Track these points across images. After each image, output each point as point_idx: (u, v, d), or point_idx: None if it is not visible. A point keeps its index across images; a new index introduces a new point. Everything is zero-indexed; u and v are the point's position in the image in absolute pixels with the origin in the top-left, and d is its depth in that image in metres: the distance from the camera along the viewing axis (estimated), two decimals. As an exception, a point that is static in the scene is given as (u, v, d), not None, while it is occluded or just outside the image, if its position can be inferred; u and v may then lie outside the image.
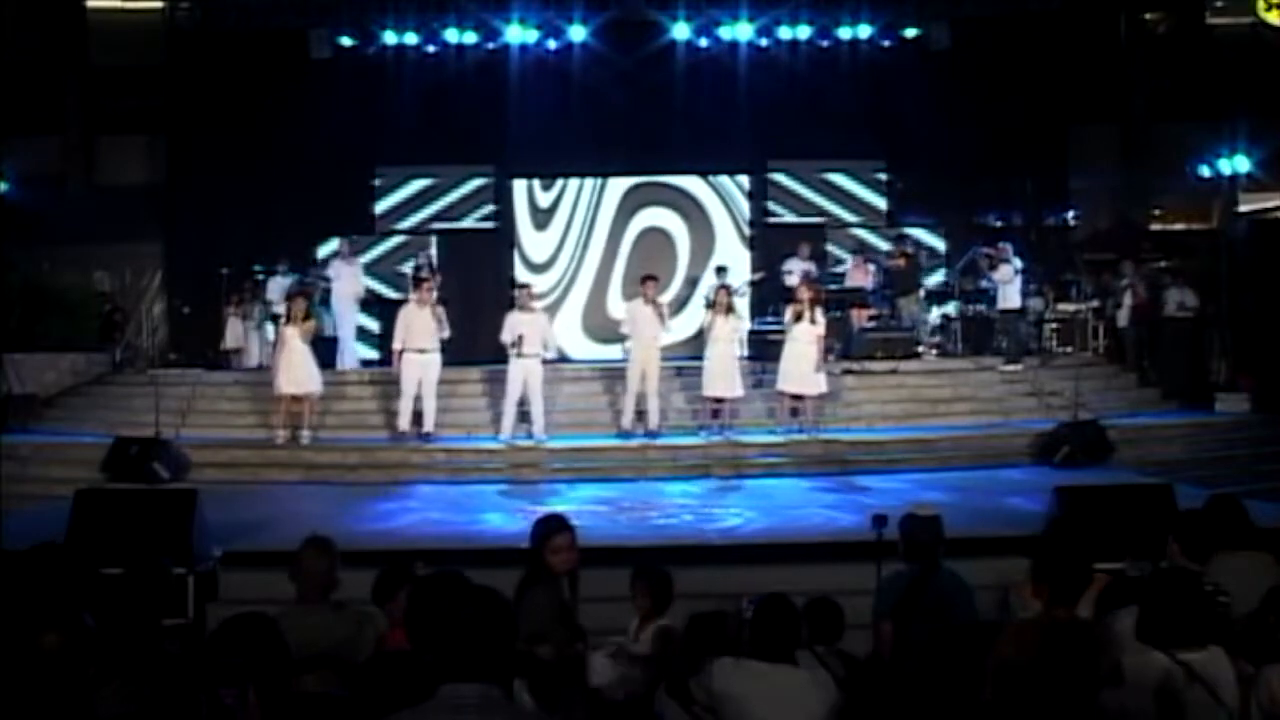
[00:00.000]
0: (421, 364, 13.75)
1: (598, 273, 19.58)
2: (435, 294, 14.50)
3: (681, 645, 5.41)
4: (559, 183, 19.66)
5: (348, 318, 16.94)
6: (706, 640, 5.16)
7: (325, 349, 16.10)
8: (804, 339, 13.63)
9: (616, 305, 18.50)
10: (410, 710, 3.01)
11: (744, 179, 19.80)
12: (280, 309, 15.07)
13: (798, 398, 13.82)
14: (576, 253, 19.64)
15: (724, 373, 13.71)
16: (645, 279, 14.50)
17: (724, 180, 19.75)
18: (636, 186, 19.58)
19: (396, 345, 13.87)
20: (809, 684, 4.64)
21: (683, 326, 17.36)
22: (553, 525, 5.61)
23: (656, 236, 19.54)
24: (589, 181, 19.60)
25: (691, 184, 19.66)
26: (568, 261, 19.66)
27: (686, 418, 14.55)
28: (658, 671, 5.29)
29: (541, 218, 19.72)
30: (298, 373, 13.67)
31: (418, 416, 13.89)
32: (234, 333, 17.24)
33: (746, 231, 19.73)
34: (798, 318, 13.71)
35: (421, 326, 13.78)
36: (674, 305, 17.55)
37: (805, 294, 13.97)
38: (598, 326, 18.87)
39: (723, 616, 5.38)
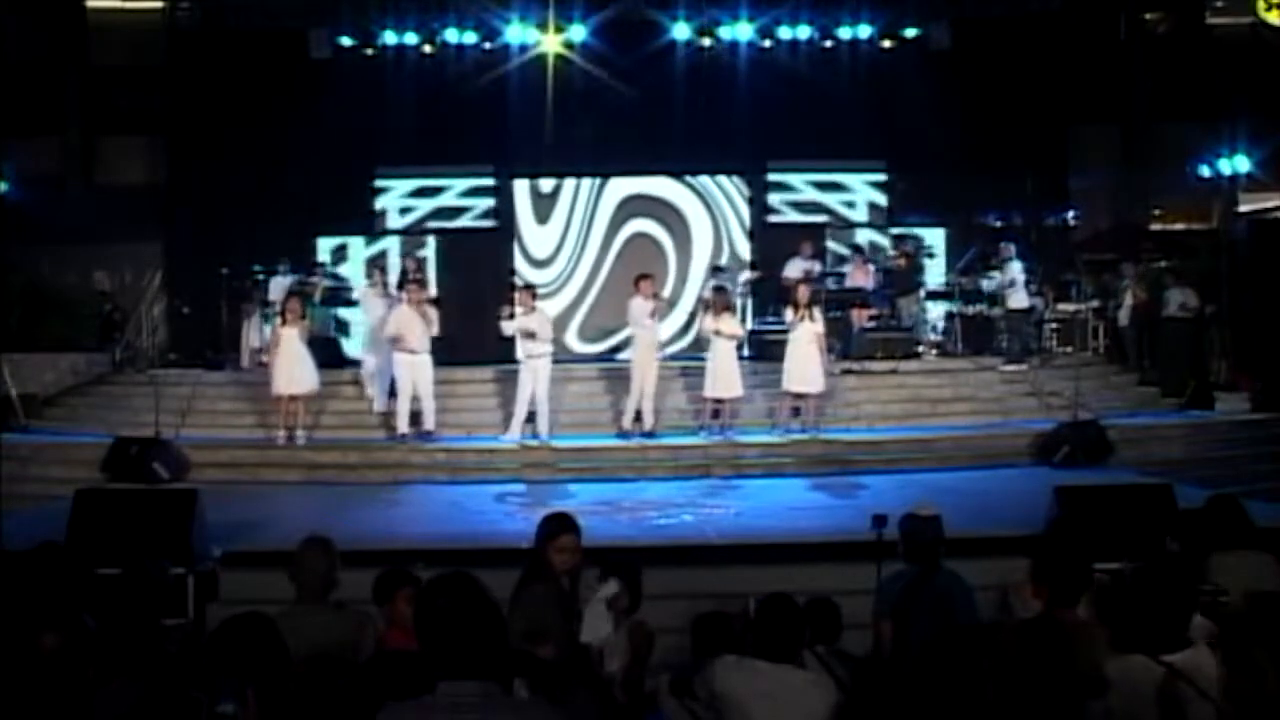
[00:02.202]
0: (412, 364, 13.74)
1: (589, 275, 19.57)
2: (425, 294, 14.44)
3: (655, 643, 5.42)
4: (560, 180, 19.65)
5: (380, 354, 14.59)
6: (710, 640, 5.17)
7: (322, 348, 16.09)
8: (805, 338, 13.70)
9: (600, 311, 18.88)
10: (409, 704, 3.01)
11: (743, 179, 19.78)
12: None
13: (801, 397, 13.86)
14: (576, 250, 19.65)
15: (725, 373, 13.74)
16: (641, 278, 14.51)
17: (723, 181, 19.73)
18: (633, 195, 19.52)
19: (389, 334, 13.85)
20: (810, 684, 4.64)
21: (674, 329, 17.42)
22: (561, 524, 5.63)
23: (653, 237, 19.53)
24: (589, 181, 19.58)
25: (690, 184, 19.61)
26: (568, 258, 19.66)
27: (687, 418, 14.55)
28: (640, 668, 5.30)
29: (543, 210, 19.67)
30: (295, 372, 13.67)
31: (415, 417, 13.89)
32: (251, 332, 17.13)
33: (746, 233, 19.72)
34: (800, 318, 13.79)
35: (411, 327, 13.79)
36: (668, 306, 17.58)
37: (803, 294, 14.04)
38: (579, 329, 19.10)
39: (726, 617, 5.39)
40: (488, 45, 18.76)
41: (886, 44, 19.06)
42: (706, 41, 18.94)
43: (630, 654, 5.45)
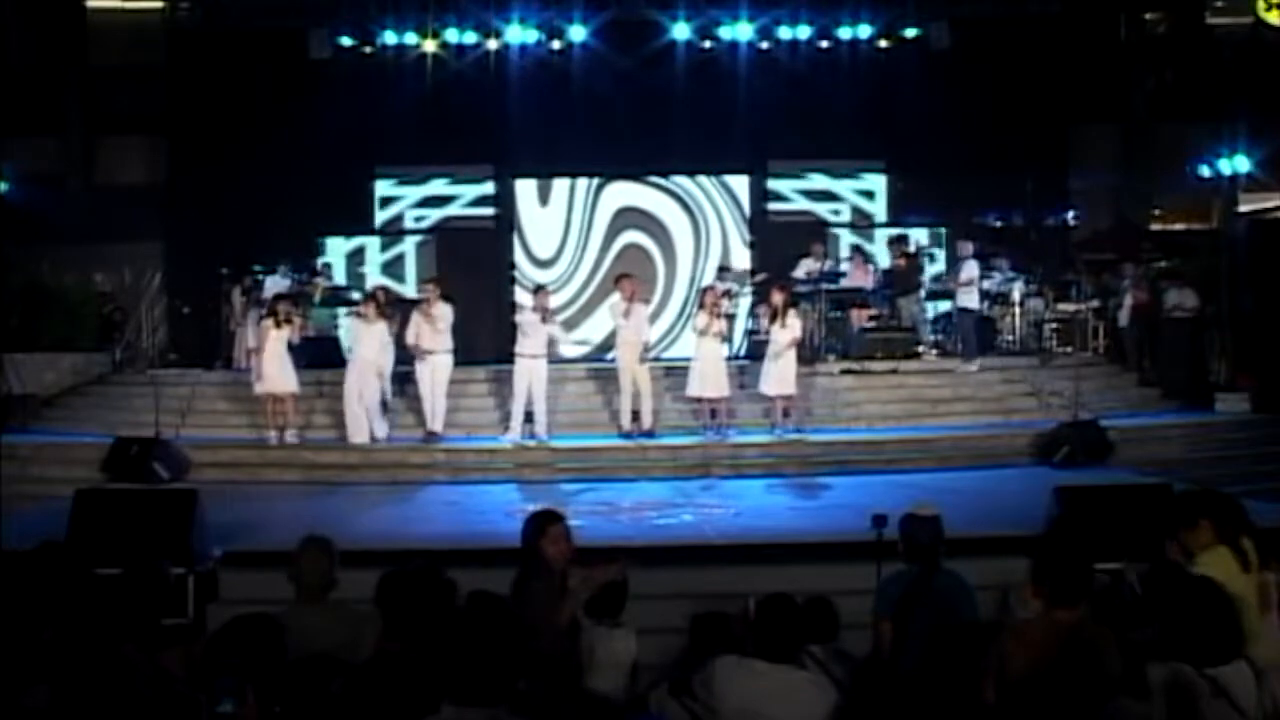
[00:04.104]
0: (428, 365, 13.83)
1: (584, 281, 19.56)
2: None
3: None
4: (562, 180, 19.64)
5: (371, 387, 13.95)
6: (709, 640, 5.16)
7: (323, 347, 16.10)
8: (782, 340, 13.68)
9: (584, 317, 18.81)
10: None
11: (743, 179, 19.77)
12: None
13: (788, 399, 13.84)
14: (577, 253, 19.64)
15: (711, 373, 13.70)
16: (620, 278, 14.52)
17: (706, 185, 19.69)
18: (625, 208, 19.53)
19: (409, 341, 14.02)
20: (810, 684, 4.64)
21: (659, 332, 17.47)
22: (548, 517, 5.67)
23: (644, 248, 19.52)
24: (586, 181, 19.56)
25: (673, 192, 19.58)
26: (569, 261, 19.64)
27: (687, 418, 14.54)
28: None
29: (544, 210, 19.64)
30: (272, 373, 13.70)
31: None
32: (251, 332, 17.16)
33: (746, 232, 19.71)
34: (772, 320, 13.76)
35: (421, 331, 13.83)
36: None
37: (776, 297, 14.01)
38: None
39: (725, 617, 5.39)
40: (489, 45, 18.77)
41: (886, 44, 19.06)
42: (707, 43, 18.94)
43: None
